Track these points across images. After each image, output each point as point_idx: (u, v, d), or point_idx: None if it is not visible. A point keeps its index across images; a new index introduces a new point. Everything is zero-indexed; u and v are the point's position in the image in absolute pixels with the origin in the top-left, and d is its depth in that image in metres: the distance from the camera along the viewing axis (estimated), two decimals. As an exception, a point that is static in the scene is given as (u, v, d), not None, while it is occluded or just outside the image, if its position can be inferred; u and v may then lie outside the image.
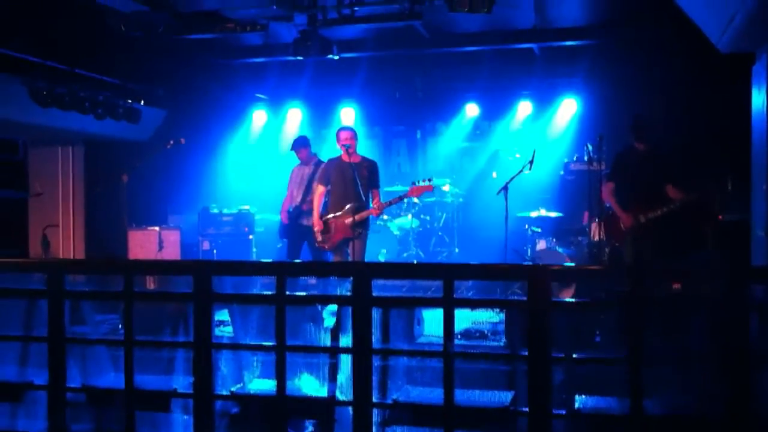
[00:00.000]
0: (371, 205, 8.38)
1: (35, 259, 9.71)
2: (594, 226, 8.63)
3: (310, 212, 9.04)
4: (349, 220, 8.21)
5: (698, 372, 4.28)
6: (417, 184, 8.45)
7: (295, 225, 9.52)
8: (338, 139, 8.45)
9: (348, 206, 8.24)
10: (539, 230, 10.04)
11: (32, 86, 9.73)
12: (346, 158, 8.37)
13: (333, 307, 6.07)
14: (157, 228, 11.10)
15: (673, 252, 7.90)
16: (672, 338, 4.81)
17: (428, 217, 11.35)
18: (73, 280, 5.26)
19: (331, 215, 8.41)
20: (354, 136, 8.45)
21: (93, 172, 12.59)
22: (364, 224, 8.33)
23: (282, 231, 9.90)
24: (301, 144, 9.85)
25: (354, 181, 8.19)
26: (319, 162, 9.43)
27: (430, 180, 8.46)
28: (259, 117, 12.97)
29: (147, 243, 10.96)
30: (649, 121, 8.02)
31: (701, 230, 8.70)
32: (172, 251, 10.99)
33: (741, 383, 3.79)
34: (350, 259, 8.24)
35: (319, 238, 8.46)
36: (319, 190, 8.62)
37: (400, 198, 8.71)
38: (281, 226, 9.89)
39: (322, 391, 4.83)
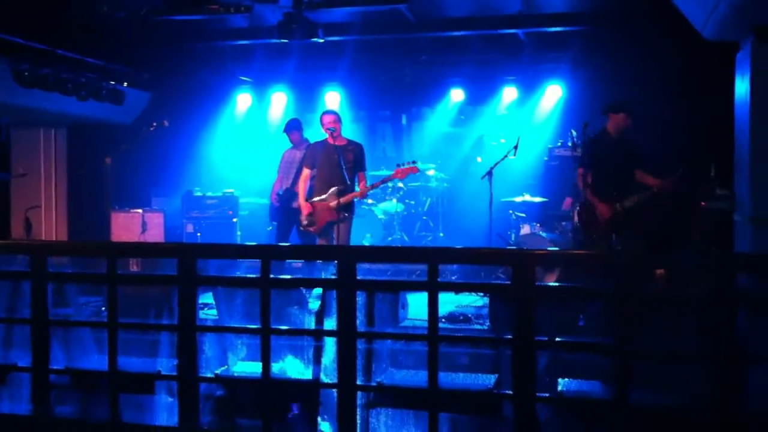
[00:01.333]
0: (357, 189, 8.39)
1: (18, 241, 9.65)
2: (577, 211, 8.66)
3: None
4: (334, 203, 8.21)
5: (683, 364, 4.32)
6: (401, 166, 8.46)
7: (285, 208, 9.47)
8: (322, 123, 8.44)
9: (333, 189, 8.24)
10: (523, 215, 10.08)
11: (15, 67, 9.64)
12: (331, 141, 8.36)
13: (318, 291, 6.08)
14: (140, 210, 11.06)
15: (657, 241, 7.93)
16: (657, 328, 4.85)
17: (413, 202, 11.36)
18: (57, 262, 5.23)
19: (316, 198, 8.41)
20: (337, 119, 8.44)
21: (76, 154, 12.50)
22: (349, 207, 8.33)
23: (272, 213, 9.92)
24: (293, 127, 9.84)
25: (339, 164, 8.18)
26: (309, 144, 9.38)
27: (414, 162, 8.47)
28: (243, 100, 12.91)
29: (130, 225, 10.92)
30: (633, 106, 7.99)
31: (685, 218, 8.75)
32: (155, 234, 10.96)
33: (727, 376, 3.83)
34: (335, 242, 8.25)
35: (305, 222, 8.46)
36: (305, 173, 8.61)
37: (385, 180, 8.72)
38: (271, 209, 9.91)
39: (306, 374, 4.85)
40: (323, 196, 8.33)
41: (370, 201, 10.84)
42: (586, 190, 7.85)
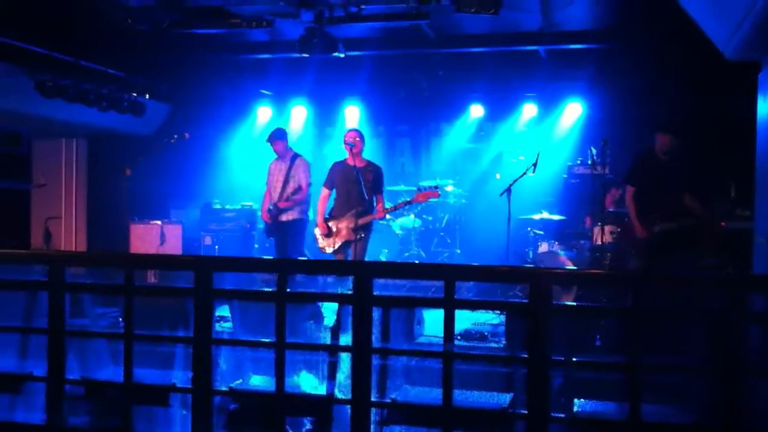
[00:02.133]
0: (375, 210, 8.39)
1: (37, 251, 9.71)
2: (596, 230, 8.63)
3: (288, 209, 9.09)
4: (352, 224, 8.21)
5: (698, 381, 4.27)
6: (423, 189, 8.47)
7: (276, 223, 9.25)
8: (345, 139, 8.46)
9: (351, 210, 8.24)
10: (541, 233, 10.04)
11: (37, 78, 9.73)
12: (351, 161, 8.38)
13: (334, 306, 6.08)
14: (159, 222, 11.11)
15: (678, 261, 7.90)
16: (672, 347, 4.81)
17: (430, 218, 11.35)
18: (75, 273, 5.25)
19: (333, 218, 8.42)
20: (359, 137, 8.46)
21: (96, 164, 12.59)
22: (366, 228, 8.33)
23: (267, 230, 9.58)
24: (277, 136, 9.48)
25: (358, 184, 8.19)
26: (296, 156, 9.31)
27: (436, 187, 8.49)
28: (263, 113, 12.97)
29: (149, 237, 10.97)
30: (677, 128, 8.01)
31: (704, 238, 8.69)
32: (173, 246, 11.00)
33: (740, 395, 3.79)
34: (351, 258, 8.25)
35: (321, 242, 8.47)
36: (324, 193, 8.62)
37: (405, 203, 8.73)
38: (265, 226, 9.59)
39: (320, 389, 4.82)
40: (341, 217, 8.35)
41: (388, 216, 10.85)
42: (629, 206, 7.90)
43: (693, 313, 4.38)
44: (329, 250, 8.43)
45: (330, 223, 8.41)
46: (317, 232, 8.52)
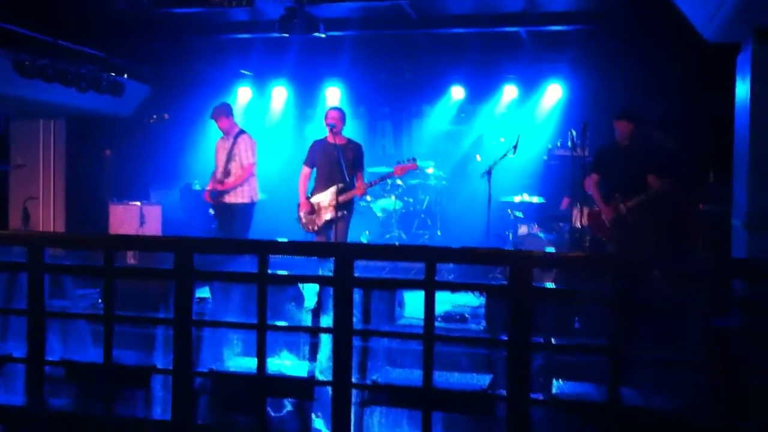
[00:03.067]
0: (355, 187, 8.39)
1: (15, 232, 9.63)
2: (575, 212, 8.67)
3: (231, 191, 8.81)
4: (333, 202, 8.21)
5: (679, 368, 4.31)
6: (401, 163, 8.46)
7: (219, 205, 8.93)
8: (326, 117, 8.44)
9: (332, 188, 8.24)
10: (521, 215, 10.08)
11: (15, 57, 9.62)
12: (331, 139, 8.36)
13: (315, 287, 6.08)
14: (138, 203, 11.05)
15: (655, 244, 7.97)
16: (653, 330, 4.85)
17: (411, 200, 11.36)
18: (54, 254, 5.23)
19: (314, 196, 8.41)
20: (341, 116, 8.44)
21: (75, 145, 12.49)
22: (348, 206, 8.33)
23: (210, 211, 9.18)
24: (221, 112, 9.00)
25: (339, 162, 8.18)
26: (240, 133, 8.99)
27: (414, 159, 8.47)
28: (243, 94, 12.90)
29: (128, 218, 10.92)
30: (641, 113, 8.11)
31: (682, 221, 8.76)
32: (153, 227, 10.95)
33: (723, 382, 3.83)
34: (333, 240, 8.25)
35: (303, 220, 8.46)
36: (304, 171, 8.59)
37: (384, 178, 8.74)
38: (210, 206, 9.19)
39: (302, 371, 4.84)
40: (322, 195, 8.33)
41: (368, 198, 10.84)
42: (593, 193, 7.99)
43: (674, 300, 4.41)
44: (311, 228, 8.42)
45: (311, 202, 8.40)
46: (300, 211, 8.50)
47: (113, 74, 11.21)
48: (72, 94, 10.60)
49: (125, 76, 11.46)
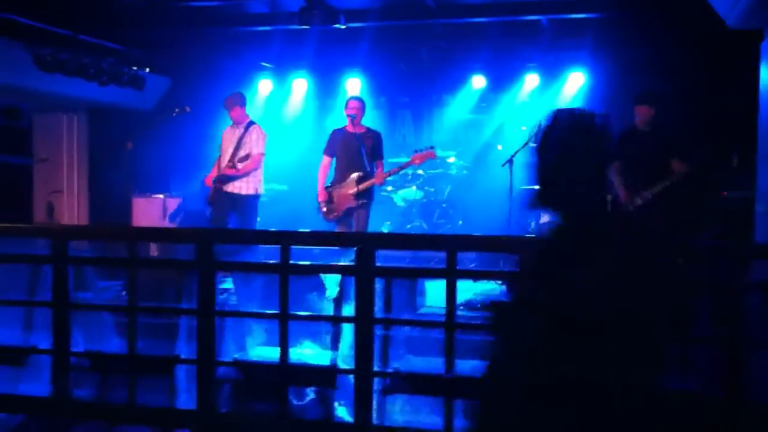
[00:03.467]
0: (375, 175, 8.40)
1: (40, 225, 9.73)
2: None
3: (236, 179, 8.63)
4: (353, 190, 8.22)
5: (700, 350, 4.29)
6: (419, 152, 8.45)
7: (220, 193, 8.73)
8: (346, 107, 8.46)
9: (352, 176, 8.25)
10: (544, 204, 10.02)
11: (36, 52, 9.69)
12: (350, 129, 8.38)
13: (337, 277, 6.09)
14: (161, 196, 11.11)
15: (678, 229, 7.90)
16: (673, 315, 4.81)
17: (432, 189, 11.32)
18: (76, 246, 5.27)
19: (334, 186, 8.42)
20: (361, 106, 8.46)
21: (97, 139, 12.58)
22: (368, 194, 8.34)
23: (209, 198, 8.93)
24: (236, 101, 8.99)
25: (358, 151, 8.20)
26: (251, 123, 8.91)
27: (432, 147, 8.47)
28: (264, 86, 12.91)
29: (151, 211, 10.98)
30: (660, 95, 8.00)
31: (706, 207, 8.68)
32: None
33: (739, 365, 3.81)
34: (354, 229, 8.26)
35: (324, 209, 8.48)
36: (324, 161, 8.61)
37: (402, 167, 8.74)
38: (209, 195, 8.95)
39: (324, 360, 4.86)
40: (342, 184, 8.35)
41: (389, 188, 10.82)
42: (615, 180, 7.89)
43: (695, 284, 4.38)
44: (332, 217, 8.44)
45: (331, 191, 8.41)
46: (320, 200, 8.53)
47: (134, 68, 11.27)
48: (93, 88, 10.67)
49: (146, 69, 11.51)
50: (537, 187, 2.61)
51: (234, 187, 8.68)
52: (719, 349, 4.05)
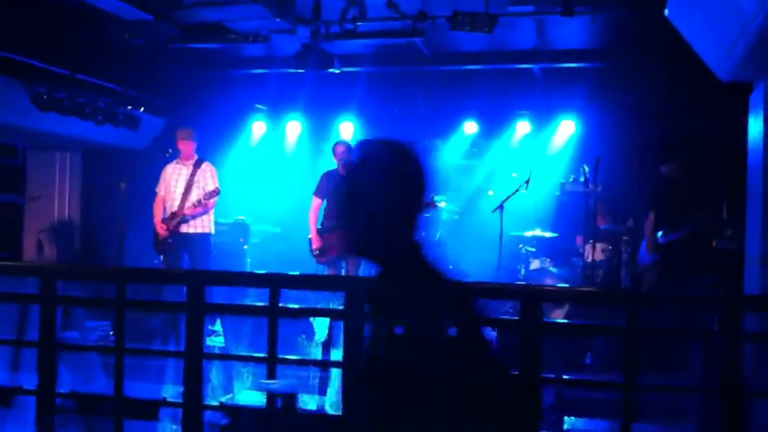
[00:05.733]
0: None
1: (28, 263, 9.69)
2: (588, 247, 8.66)
3: (189, 219, 8.41)
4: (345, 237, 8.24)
5: (692, 400, 4.29)
6: None
7: (176, 235, 8.46)
8: (334, 153, 8.52)
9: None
10: (533, 250, 10.06)
11: (33, 90, 9.74)
12: (342, 172, 8.41)
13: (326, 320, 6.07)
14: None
15: (678, 279, 7.99)
16: (666, 365, 4.83)
17: (423, 233, 11.30)
18: (67, 285, 5.25)
19: (327, 231, 8.44)
20: (348, 150, 8.50)
21: (90, 177, 12.59)
22: (359, 239, 8.35)
23: (160, 246, 8.60)
24: (190, 136, 8.76)
25: (350, 195, 8.23)
26: (201, 161, 8.72)
27: (432, 197, 8.53)
28: (258, 128, 12.99)
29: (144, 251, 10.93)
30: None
31: (698, 258, 8.76)
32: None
33: (735, 414, 3.80)
34: (345, 273, 8.27)
35: (316, 252, 8.49)
36: (315, 203, 8.64)
37: None
38: (157, 240, 8.63)
39: (311, 405, 4.83)
40: (334, 229, 8.37)
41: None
42: (647, 231, 8.10)
43: (688, 333, 4.40)
44: (323, 260, 8.45)
45: (323, 234, 8.43)
46: (312, 243, 8.53)
47: (129, 108, 11.32)
48: (88, 128, 10.71)
49: (141, 109, 11.56)
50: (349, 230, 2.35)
51: (189, 227, 8.45)
52: (712, 399, 4.05)
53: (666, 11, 6.79)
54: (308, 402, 4.92)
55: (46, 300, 4.81)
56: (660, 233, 7.98)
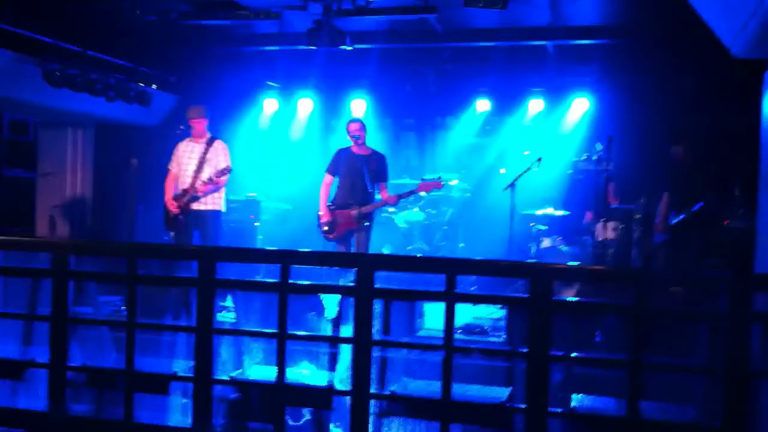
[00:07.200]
0: (378, 198, 8.41)
1: (41, 239, 9.74)
2: (599, 226, 8.63)
3: (200, 196, 8.39)
4: (355, 212, 8.24)
5: (699, 380, 4.29)
6: (426, 180, 8.47)
7: (186, 212, 8.44)
8: (348, 131, 8.49)
9: (356, 200, 8.28)
10: (545, 228, 10.04)
11: (45, 67, 9.76)
12: (355, 150, 8.41)
13: (336, 297, 6.09)
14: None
15: (685, 259, 7.98)
16: (674, 345, 4.83)
17: (434, 211, 11.34)
18: (80, 260, 5.29)
19: (338, 207, 8.44)
20: (362, 127, 8.48)
21: (103, 154, 12.63)
22: (369, 217, 8.36)
23: (171, 222, 8.57)
24: (201, 114, 8.68)
25: (362, 173, 8.23)
26: (213, 138, 8.68)
27: (439, 177, 8.50)
28: (269, 105, 12.96)
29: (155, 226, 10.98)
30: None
31: (709, 237, 8.72)
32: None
33: (741, 396, 3.80)
34: (354, 250, 8.28)
35: (325, 228, 8.49)
36: (327, 179, 8.63)
37: (407, 194, 8.72)
38: (167, 217, 8.59)
39: (321, 381, 4.85)
40: (344, 205, 8.37)
41: (391, 209, 10.84)
42: (662, 211, 8.13)
43: (696, 313, 4.39)
44: (332, 237, 8.46)
45: (334, 211, 8.43)
46: (321, 219, 8.54)
47: (141, 84, 11.33)
48: (100, 104, 10.73)
49: (153, 86, 11.57)
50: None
51: (200, 204, 8.44)
52: (718, 380, 4.04)
53: (680, -13, 6.72)
54: (318, 377, 4.94)
55: (58, 275, 4.84)
56: (672, 213, 7.98)
